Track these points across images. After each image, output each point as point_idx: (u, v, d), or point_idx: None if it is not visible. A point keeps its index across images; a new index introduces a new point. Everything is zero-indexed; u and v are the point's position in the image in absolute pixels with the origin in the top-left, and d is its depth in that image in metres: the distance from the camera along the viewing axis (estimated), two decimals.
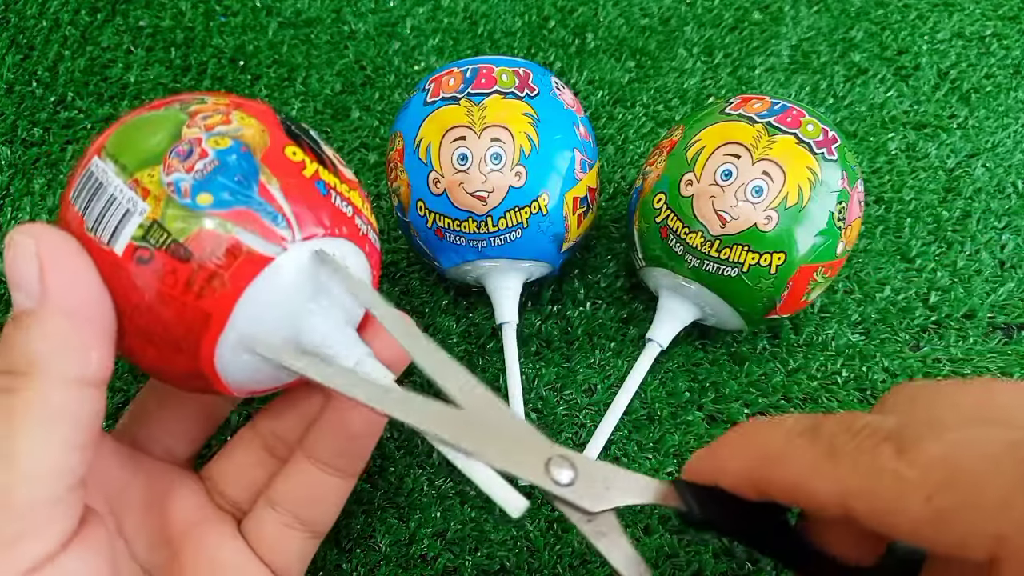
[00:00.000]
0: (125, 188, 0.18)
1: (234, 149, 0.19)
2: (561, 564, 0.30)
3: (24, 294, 0.17)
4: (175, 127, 0.19)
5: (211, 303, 0.18)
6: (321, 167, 0.20)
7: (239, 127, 0.19)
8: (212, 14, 0.48)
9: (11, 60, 0.45)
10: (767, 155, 0.29)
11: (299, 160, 0.20)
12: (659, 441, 0.33)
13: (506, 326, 0.33)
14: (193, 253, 0.18)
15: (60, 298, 0.17)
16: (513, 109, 0.30)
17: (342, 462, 0.24)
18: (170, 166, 0.18)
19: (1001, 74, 0.47)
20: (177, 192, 0.18)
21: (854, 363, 0.35)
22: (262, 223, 0.18)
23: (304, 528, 0.24)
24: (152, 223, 0.18)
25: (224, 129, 0.19)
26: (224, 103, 0.20)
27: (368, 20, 0.48)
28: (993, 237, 0.40)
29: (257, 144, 0.19)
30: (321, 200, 0.20)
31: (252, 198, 0.18)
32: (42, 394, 0.17)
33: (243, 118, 0.20)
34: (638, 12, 0.49)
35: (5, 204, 0.39)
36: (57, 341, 0.17)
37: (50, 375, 0.17)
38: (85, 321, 0.18)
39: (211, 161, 0.18)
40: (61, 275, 0.17)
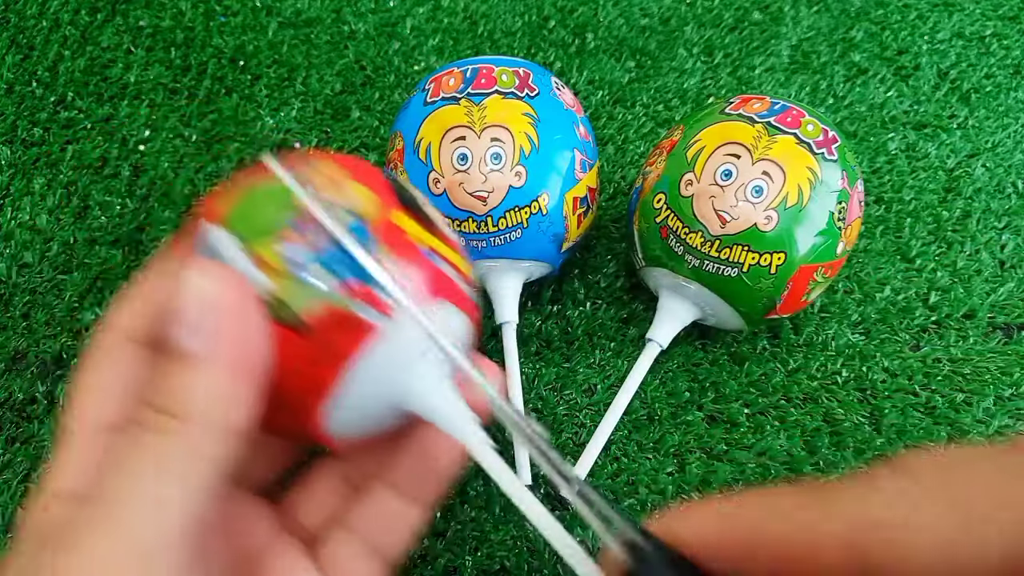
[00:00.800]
0: (244, 259, 0.19)
1: (350, 223, 0.19)
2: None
3: (191, 335, 0.17)
4: (291, 197, 0.19)
5: (324, 372, 0.19)
6: (427, 233, 0.21)
7: (353, 196, 0.20)
8: (212, 14, 0.48)
9: (11, 60, 0.45)
10: (767, 155, 0.29)
11: (408, 228, 0.20)
12: (659, 441, 0.33)
13: (506, 326, 0.33)
14: (312, 327, 0.18)
15: (231, 347, 0.18)
16: (513, 109, 0.30)
17: (421, 490, 0.24)
18: (288, 238, 0.19)
19: (1001, 74, 0.47)
20: (295, 266, 0.18)
21: (854, 363, 0.35)
22: (375, 296, 0.19)
23: (377, 557, 0.24)
24: (273, 298, 0.18)
25: (334, 198, 0.19)
26: (335, 167, 0.20)
27: (368, 20, 0.48)
28: (993, 237, 0.40)
29: (370, 214, 0.20)
30: (429, 267, 0.20)
31: (366, 271, 0.19)
32: (199, 442, 0.17)
33: (356, 186, 0.20)
34: (638, 12, 0.49)
35: (5, 204, 0.39)
36: (221, 395, 0.17)
37: (209, 424, 0.17)
38: (249, 373, 0.18)
39: (327, 235, 0.19)
40: (234, 324, 0.18)
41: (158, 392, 0.18)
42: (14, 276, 0.37)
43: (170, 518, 0.17)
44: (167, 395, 0.18)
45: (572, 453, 0.32)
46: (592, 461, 0.31)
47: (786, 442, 0.33)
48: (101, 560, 0.16)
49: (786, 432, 0.33)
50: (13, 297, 0.36)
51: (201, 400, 0.17)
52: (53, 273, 0.37)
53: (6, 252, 0.37)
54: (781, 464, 0.32)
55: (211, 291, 0.18)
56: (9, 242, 0.38)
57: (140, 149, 0.42)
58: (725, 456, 0.32)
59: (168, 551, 0.17)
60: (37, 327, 0.35)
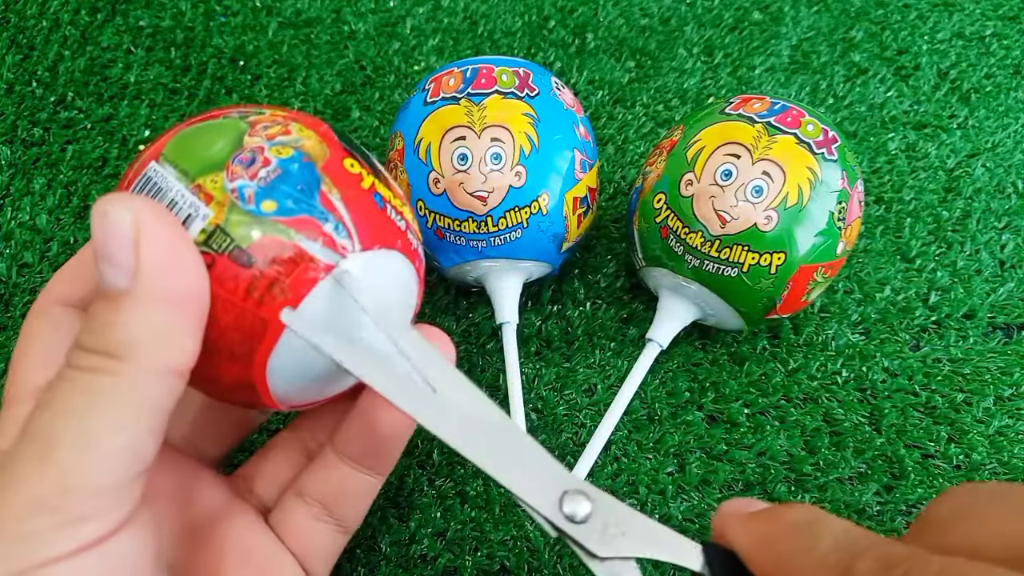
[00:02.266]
0: (187, 192, 0.18)
1: (296, 159, 0.19)
2: (561, 564, 0.30)
3: (116, 271, 0.16)
4: (236, 135, 0.19)
5: (269, 311, 0.18)
6: (377, 180, 0.20)
7: (299, 137, 0.19)
8: (212, 14, 0.48)
9: (11, 60, 0.45)
10: (767, 155, 0.29)
11: (357, 172, 0.20)
12: (659, 441, 0.33)
13: (506, 326, 0.33)
14: (255, 259, 0.18)
15: (159, 281, 0.16)
16: (513, 109, 0.30)
17: (370, 461, 0.23)
18: (233, 172, 0.18)
19: (1001, 74, 0.47)
20: (241, 198, 0.18)
21: (854, 363, 0.35)
22: (324, 232, 0.18)
23: (333, 521, 0.24)
24: (215, 228, 0.18)
25: (285, 139, 0.19)
26: (282, 115, 0.20)
27: (368, 20, 0.48)
28: (993, 237, 0.40)
29: (318, 155, 0.19)
30: (378, 213, 0.20)
31: (315, 207, 0.18)
32: (133, 381, 0.16)
33: (302, 130, 0.20)
34: (638, 12, 0.49)
35: (5, 204, 0.39)
36: (156, 330, 0.17)
37: (144, 364, 0.17)
38: (183, 308, 0.17)
39: (274, 169, 0.18)
40: (160, 255, 0.16)
41: (88, 333, 0.17)
42: (14, 276, 0.37)
43: (104, 456, 0.16)
44: (97, 335, 0.17)
45: (572, 453, 0.32)
46: (592, 461, 0.31)
47: (786, 442, 0.33)
48: (33, 497, 0.16)
49: (786, 432, 0.33)
50: (13, 297, 0.36)
51: (137, 339, 0.16)
52: (53, 273, 0.37)
53: (6, 252, 0.37)
54: (781, 464, 0.32)
55: (129, 222, 0.16)
56: (9, 242, 0.38)
57: (140, 149, 0.42)
58: (725, 456, 0.32)
59: (103, 492, 0.16)
60: None
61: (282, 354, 0.19)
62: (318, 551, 0.24)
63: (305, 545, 0.24)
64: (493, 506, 0.31)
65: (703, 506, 0.31)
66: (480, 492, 0.31)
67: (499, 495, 0.31)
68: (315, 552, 0.24)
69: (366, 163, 0.21)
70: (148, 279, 0.16)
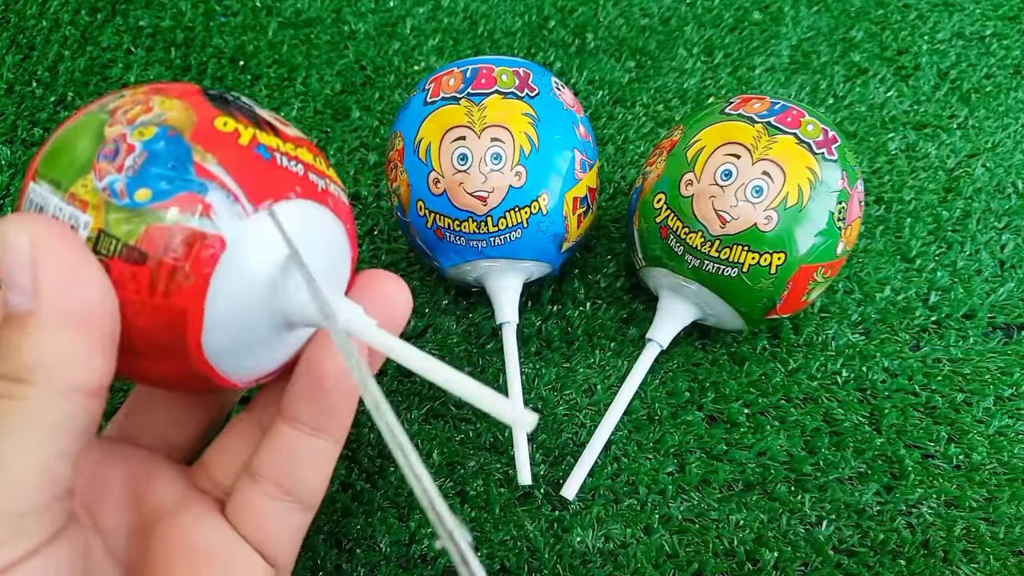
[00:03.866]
0: (64, 204, 0.17)
1: (160, 136, 0.18)
2: (561, 564, 0.30)
3: (18, 293, 0.16)
4: (97, 129, 0.18)
5: (181, 298, 0.17)
6: (258, 130, 0.19)
7: (161, 112, 0.18)
8: (212, 14, 0.48)
9: (11, 60, 0.45)
10: (767, 155, 0.29)
11: (232, 130, 0.19)
12: (659, 441, 0.33)
13: (506, 326, 0.33)
14: (148, 253, 0.17)
15: (59, 299, 0.16)
16: (513, 109, 0.30)
17: (320, 421, 0.22)
18: (101, 170, 0.17)
19: (1001, 74, 0.47)
20: (114, 195, 0.17)
21: (854, 363, 0.35)
22: (208, 203, 0.17)
23: (289, 498, 0.22)
24: (98, 233, 0.17)
25: (146, 118, 0.18)
26: (143, 91, 0.19)
27: (368, 20, 0.48)
28: (993, 237, 0.40)
29: (184, 124, 0.18)
30: (265, 165, 0.19)
31: (191, 180, 0.17)
32: (41, 404, 0.16)
33: (164, 101, 0.19)
34: (638, 12, 0.49)
35: (5, 204, 0.39)
36: (59, 348, 0.16)
37: (51, 385, 0.16)
38: (87, 325, 0.17)
39: (140, 154, 0.17)
40: (59, 273, 0.16)
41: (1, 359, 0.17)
42: None
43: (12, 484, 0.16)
44: (7, 359, 0.16)
45: (572, 453, 0.32)
46: (592, 461, 0.31)
47: (786, 442, 0.33)
48: None
49: (786, 432, 0.33)
50: None
51: (41, 360, 0.16)
52: None
53: None
54: (781, 464, 0.32)
55: (26, 243, 0.16)
56: None
57: None
58: (725, 456, 0.32)
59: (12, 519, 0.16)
60: None
61: (213, 331, 0.18)
62: (278, 533, 0.23)
63: (263, 529, 0.22)
64: (493, 506, 0.31)
65: (703, 506, 0.31)
66: (480, 492, 0.31)
67: (499, 495, 0.31)
68: (275, 535, 0.23)
69: (244, 115, 0.19)
70: (49, 299, 0.16)
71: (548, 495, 0.31)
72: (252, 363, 0.20)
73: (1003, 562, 0.30)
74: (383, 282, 0.22)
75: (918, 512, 0.31)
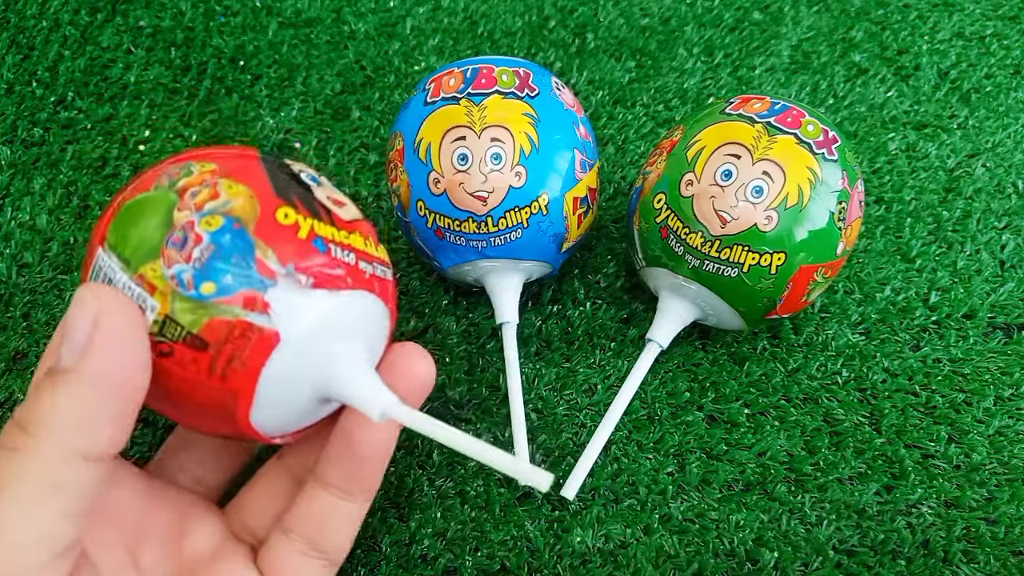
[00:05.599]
0: (132, 285, 0.19)
1: (227, 228, 0.19)
2: (561, 564, 0.30)
3: (69, 349, 0.17)
4: (167, 211, 0.19)
5: (235, 382, 0.19)
6: (316, 221, 0.20)
7: (228, 199, 0.19)
8: (212, 14, 0.48)
9: (11, 60, 0.45)
10: (767, 155, 0.29)
11: (292, 223, 0.20)
12: (659, 441, 0.33)
13: (506, 326, 0.33)
14: (209, 342, 0.18)
15: (98, 364, 0.17)
16: (513, 109, 0.30)
17: (353, 486, 0.23)
18: (169, 258, 0.19)
19: (1001, 74, 0.47)
20: (181, 285, 0.18)
21: (854, 363, 0.35)
22: (266, 301, 0.19)
23: (320, 556, 0.24)
24: (165, 319, 0.18)
25: (214, 206, 0.19)
26: (210, 170, 0.20)
27: (368, 20, 0.48)
28: (993, 237, 0.40)
29: (248, 216, 0.19)
30: (321, 259, 0.20)
31: (253, 277, 0.19)
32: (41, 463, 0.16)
33: (231, 187, 0.20)
34: (638, 12, 0.49)
35: (5, 204, 0.39)
36: (73, 411, 0.17)
37: (55, 445, 0.17)
38: (113, 394, 0.17)
39: (207, 247, 0.19)
40: (109, 341, 0.17)
41: (24, 406, 0.17)
42: (14, 276, 0.37)
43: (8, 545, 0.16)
44: (28, 410, 0.17)
45: (572, 453, 0.32)
46: (592, 461, 0.31)
47: (786, 442, 0.33)
48: None
49: (786, 432, 0.33)
50: (13, 297, 0.36)
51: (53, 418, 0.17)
52: (53, 273, 0.37)
53: (6, 252, 0.37)
54: (781, 464, 0.32)
55: (93, 306, 0.17)
56: (9, 242, 0.38)
57: (140, 149, 0.42)
58: (725, 456, 0.32)
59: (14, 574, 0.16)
60: (37, 327, 0.35)
61: (261, 407, 0.20)
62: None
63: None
64: (493, 506, 0.31)
65: (703, 506, 0.31)
66: (480, 492, 0.31)
67: (499, 495, 0.31)
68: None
69: (303, 203, 0.20)
70: (90, 360, 0.17)
71: (548, 495, 0.31)
72: (293, 425, 0.22)
73: (1003, 562, 0.30)
74: (412, 359, 0.23)
75: (918, 512, 0.31)
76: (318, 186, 0.22)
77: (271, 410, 0.20)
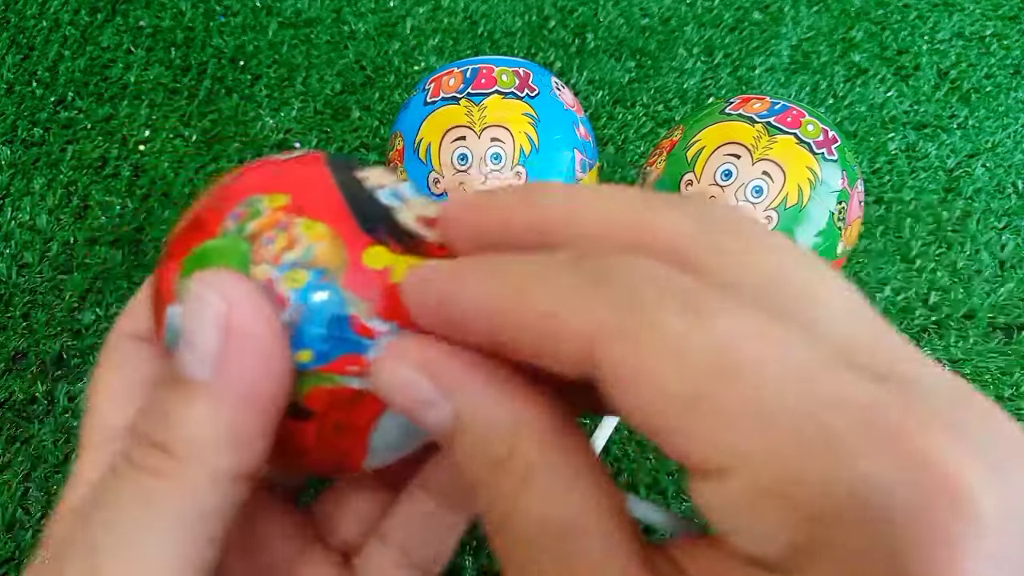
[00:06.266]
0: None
1: (314, 284, 0.16)
2: None
3: (197, 357, 0.15)
4: (241, 267, 0.17)
5: (345, 444, 0.17)
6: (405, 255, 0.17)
7: (309, 245, 0.17)
8: (212, 14, 0.48)
9: (11, 60, 0.45)
10: (767, 155, 0.29)
11: (384, 266, 0.17)
12: None
13: None
14: (313, 411, 0.17)
15: (239, 381, 0.15)
16: (513, 109, 0.30)
17: (458, 498, 0.22)
18: None
19: (1001, 74, 0.47)
20: None
21: None
22: (367, 362, 0.16)
23: (415, 568, 0.22)
24: None
25: (294, 257, 0.16)
26: (282, 207, 0.17)
27: (368, 20, 0.48)
28: (993, 237, 0.40)
29: (335, 264, 0.17)
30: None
31: (349, 340, 0.16)
32: (191, 489, 0.15)
33: (309, 227, 0.17)
34: (638, 12, 0.49)
35: (5, 204, 0.39)
36: (220, 429, 0.15)
37: (203, 468, 0.15)
38: (261, 408, 0.15)
39: (296, 310, 0.16)
40: (249, 350, 0.15)
41: (155, 424, 0.15)
42: (14, 276, 0.37)
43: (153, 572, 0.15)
44: (164, 429, 0.15)
45: None
46: None
47: None
48: None
49: None
50: (13, 297, 0.36)
51: (203, 439, 0.15)
52: (53, 273, 0.37)
53: (6, 252, 0.37)
54: None
55: (217, 308, 0.15)
56: (9, 242, 0.38)
57: (140, 149, 0.42)
58: None
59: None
60: (37, 327, 0.35)
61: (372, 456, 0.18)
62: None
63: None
64: None
65: None
66: None
67: None
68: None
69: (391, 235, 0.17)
70: (230, 374, 0.15)
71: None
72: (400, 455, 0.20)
73: None
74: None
75: None
76: (401, 205, 0.18)
77: (383, 455, 0.19)
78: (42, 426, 0.33)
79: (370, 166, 0.19)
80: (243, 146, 0.42)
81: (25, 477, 0.31)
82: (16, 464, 0.32)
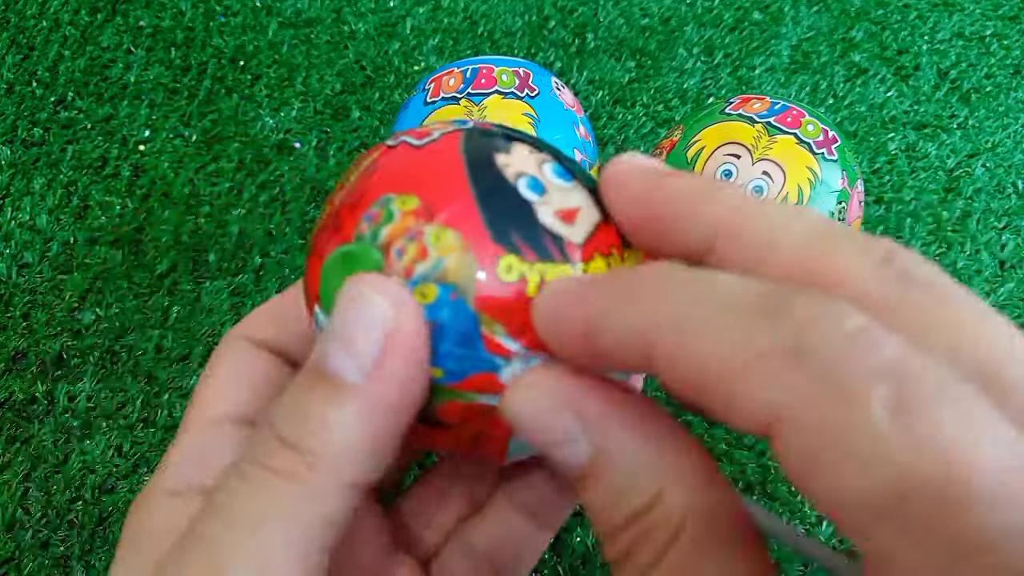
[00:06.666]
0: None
1: (444, 301, 0.16)
2: (561, 564, 0.30)
3: (351, 359, 0.14)
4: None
5: (484, 451, 0.17)
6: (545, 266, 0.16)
7: (439, 258, 0.16)
8: (212, 14, 0.48)
9: (11, 60, 0.45)
10: (767, 155, 0.29)
11: (517, 279, 0.16)
12: None
13: None
14: (450, 423, 0.16)
15: (392, 390, 0.14)
16: (513, 109, 0.30)
17: (545, 512, 0.21)
18: None
19: (1001, 74, 0.47)
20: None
21: None
22: (501, 383, 0.16)
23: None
24: None
25: (425, 270, 0.16)
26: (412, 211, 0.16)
27: (368, 20, 0.48)
28: (993, 237, 0.40)
29: (465, 279, 0.16)
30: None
31: (482, 358, 0.16)
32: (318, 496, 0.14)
33: (438, 236, 0.16)
34: (638, 12, 0.49)
35: (5, 204, 0.39)
36: (360, 438, 0.14)
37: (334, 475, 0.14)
38: (399, 417, 0.15)
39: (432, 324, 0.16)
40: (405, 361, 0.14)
41: (291, 420, 0.15)
42: (14, 276, 0.37)
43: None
44: (300, 426, 0.14)
45: None
46: None
47: None
48: None
49: None
50: (13, 297, 0.36)
51: (343, 444, 0.14)
52: (53, 273, 0.37)
53: (6, 252, 0.37)
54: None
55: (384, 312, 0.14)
56: (9, 242, 0.38)
57: (140, 149, 0.42)
58: (725, 456, 0.32)
59: None
60: (37, 327, 0.35)
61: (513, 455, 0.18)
62: None
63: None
64: None
65: None
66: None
67: None
68: None
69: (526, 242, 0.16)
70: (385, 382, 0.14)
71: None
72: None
73: None
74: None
75: None
76: (541, 198, 0.17)
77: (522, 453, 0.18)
78: (42, 426, 0.33)
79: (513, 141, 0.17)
80: (243, 146, 0.42)
81: (25, 477, 0.31)
82: (16, 464, 0.32)
